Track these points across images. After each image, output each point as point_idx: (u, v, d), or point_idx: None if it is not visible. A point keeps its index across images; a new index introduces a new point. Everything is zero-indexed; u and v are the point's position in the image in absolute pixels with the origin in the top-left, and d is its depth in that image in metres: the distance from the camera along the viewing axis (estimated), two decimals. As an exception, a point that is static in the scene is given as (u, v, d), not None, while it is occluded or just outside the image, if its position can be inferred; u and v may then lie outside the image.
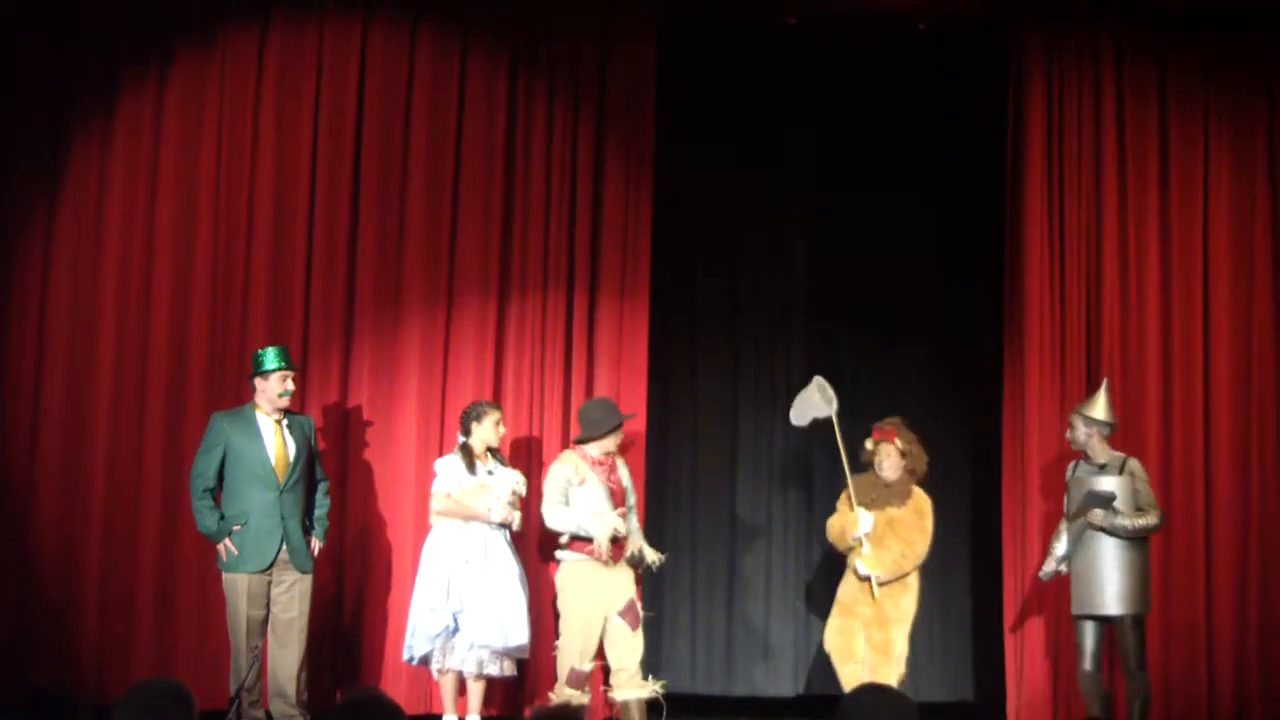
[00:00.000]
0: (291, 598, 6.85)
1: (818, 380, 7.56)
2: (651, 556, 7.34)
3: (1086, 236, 8.05)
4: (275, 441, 6.91)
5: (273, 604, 6.86)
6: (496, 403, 7.54)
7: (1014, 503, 7.90)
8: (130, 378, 7.75)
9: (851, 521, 7.26)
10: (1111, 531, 6.99)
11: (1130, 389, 7.97)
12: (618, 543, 7.19)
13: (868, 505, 7.28)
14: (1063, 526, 7.27)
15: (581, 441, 7.30)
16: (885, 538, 7.23)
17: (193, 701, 3.94)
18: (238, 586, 6.81)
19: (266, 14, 7.94)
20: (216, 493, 6.92)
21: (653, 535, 8.05)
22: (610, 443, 7.29)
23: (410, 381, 7.83)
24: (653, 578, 8.26)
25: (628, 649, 7.14)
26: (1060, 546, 7.22)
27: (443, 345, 7.87)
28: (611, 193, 8.05)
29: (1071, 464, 7.34)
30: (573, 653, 7.13)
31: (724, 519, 8.73)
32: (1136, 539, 7.03)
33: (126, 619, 7.59)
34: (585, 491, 7.17)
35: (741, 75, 8.71)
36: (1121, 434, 7.86)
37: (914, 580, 7.32)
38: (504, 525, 7.13)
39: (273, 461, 6.87)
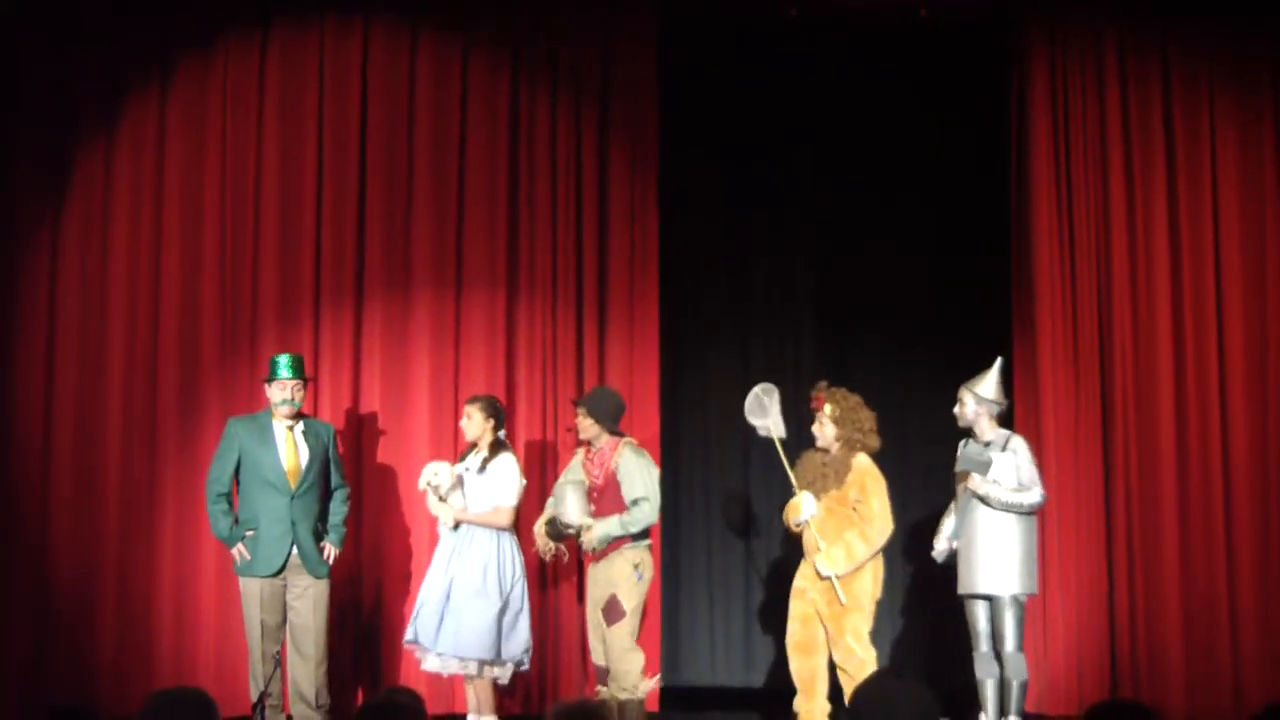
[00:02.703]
0: (306, 603, 6.85)
1: (756, 392, 7.21)
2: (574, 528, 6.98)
3: (1095, 230, 8.01)
4: (287, 447, 6.90)
5: (289, 609, 6.87)
6: (477, 396, 7.21)
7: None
8: (141, 385, 7.75)
9: (792, 507, 7.04)
10: (985, 500, 6.88)
11: (1143, 381, 7.92)
12: (564, 538, 7.06)
13: (813, 488, 7.01)
14: (952, 506, 7.18)
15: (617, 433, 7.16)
16: (828, 522, 6.94)
17: (215, 709, 3.91)
18: (251, 591, 6.83)
19: (266, 17, 7.93)
20: (233, 497, 6.93)
21: (670, 532, 8.08)
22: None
23: (421, 384, 7.82)
24: (673, 575, 8.27)
25: (606, 645, 6.96)
26: (949, 525, 7.14)
27: (453, 348, 7.86)
28: (617, 193, 8.04)
29: (961, 442, 7.20)
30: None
31: (739, 514, 8.72)
32: (1019, 517, 6.90)
33: (145, 627, 7.58)
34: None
35: (743, 71, 8.68)
36: (1135, 427, 7.87)
37: (870, 563, 6.96)
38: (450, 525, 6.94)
39: (284, 467, 6.87)
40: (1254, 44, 8.12)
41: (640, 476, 6.98)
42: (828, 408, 7.05)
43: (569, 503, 6.96)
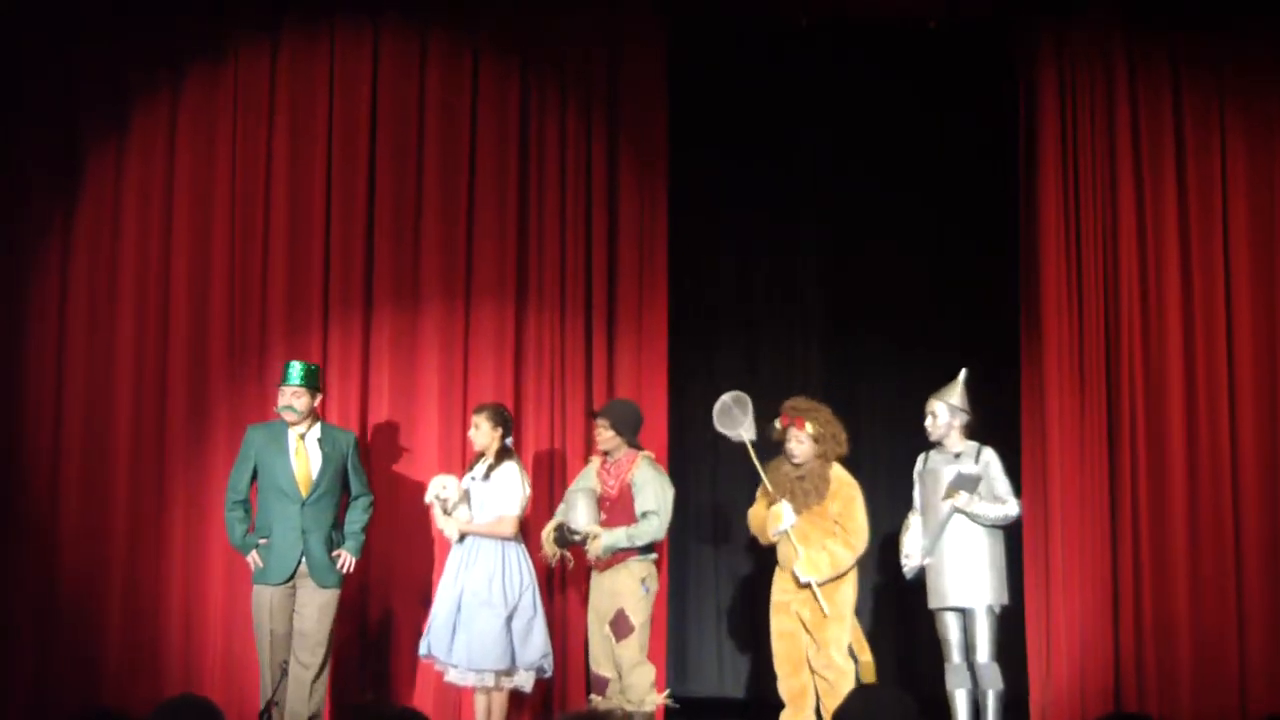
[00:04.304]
0: (311, 610, 6.87)
1: (725, 401, 7.18)
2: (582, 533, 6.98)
3: (1103, 234, 7.94)
4: (298, 455, 6.92)
5: (295, 616, 6.88)
6: (484, 405, 7.24)
7: (1034, 503, 7.70)
8: (150, 390, 7.76)
9: (773, 516, 7.01)
10: (972, 517, 6.89)
11: (1152, 388, 7.88)
12: (570, 545, 7.07)
13: (792, 501, 6.96)
14: (911, 520, 7.16)
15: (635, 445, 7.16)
16: (810, 533, 6.93)
17: (222, 718, 3.92)
18: (261, 599, 6.87)
19: (276, 23, 7.93)
20: (252, 505, 6.95)
21: (677, 539, 8.05)
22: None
23: (430, 394, 7.81)
24: (680, 583, 8.26)
25: (616, 659, 6.97)
26: (910, 540, 7.09)
27: (462, 356, 7.86)
28: (626, 201, 8.03)
29: (921, 455, 7.18)
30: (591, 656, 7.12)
31: (745, 526, 8.70)
32: (987, 529, 6.91)
33: (153, 631, 7.59)
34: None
35: (748, 73, 8.69)
36: (1143, 435, 7.83)
37: (850, 572, 6.96)
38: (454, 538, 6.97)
39: (295, 474, 6.88)
40: (1257, 44, 8.07)
41: (653, 490, 6.98)
42: (809, 427, 7.00)
43: (579, 509, 6.97)
